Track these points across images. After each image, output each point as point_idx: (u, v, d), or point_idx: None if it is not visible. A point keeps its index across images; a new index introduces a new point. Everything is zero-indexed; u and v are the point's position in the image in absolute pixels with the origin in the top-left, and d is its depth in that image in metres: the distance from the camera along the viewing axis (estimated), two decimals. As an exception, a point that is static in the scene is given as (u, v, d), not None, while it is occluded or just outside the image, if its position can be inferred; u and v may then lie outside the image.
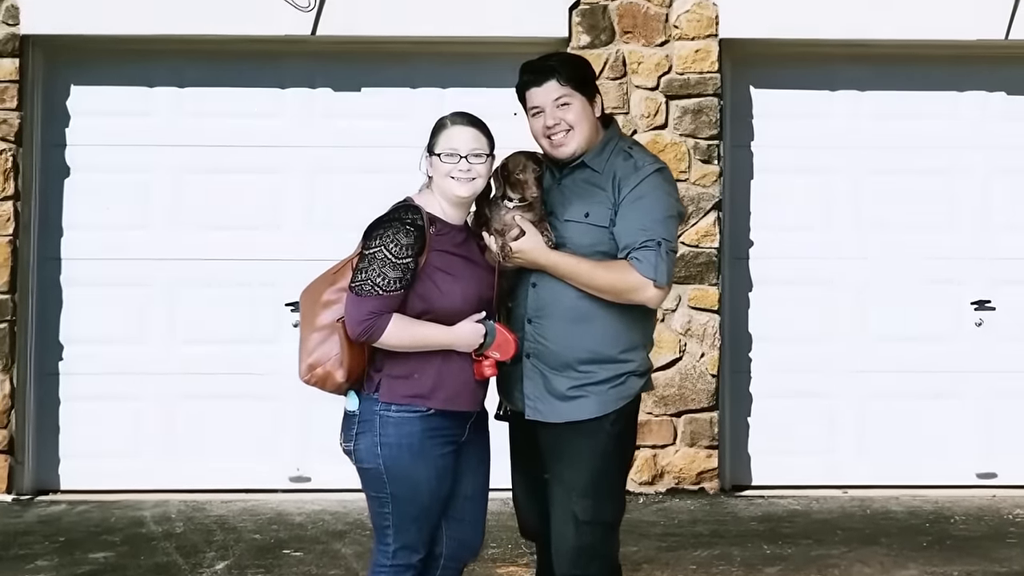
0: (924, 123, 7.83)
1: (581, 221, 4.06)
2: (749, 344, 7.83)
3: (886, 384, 7.80)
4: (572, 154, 4.12)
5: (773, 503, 7.43)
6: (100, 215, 7.66)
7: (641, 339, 4.15)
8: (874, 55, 7.80)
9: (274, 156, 7.72)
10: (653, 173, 4.07)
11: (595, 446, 4.02)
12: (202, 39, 7.59)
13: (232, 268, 7.68)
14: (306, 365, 3.97)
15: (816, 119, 7.83)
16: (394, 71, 7.73)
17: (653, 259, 3.96)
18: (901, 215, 7.81)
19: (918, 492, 7.63)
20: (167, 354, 7.70)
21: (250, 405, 7.65)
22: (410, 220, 3.91)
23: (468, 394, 4.01)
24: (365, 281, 3.87)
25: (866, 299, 7.84)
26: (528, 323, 4.08)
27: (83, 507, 7.32)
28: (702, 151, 7.57)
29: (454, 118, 4.05)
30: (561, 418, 4.05)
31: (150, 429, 7.68)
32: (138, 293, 7.70)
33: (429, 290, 3.93)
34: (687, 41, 7.56)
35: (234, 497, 7.49)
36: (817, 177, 7.83)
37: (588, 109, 4.13)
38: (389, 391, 3.94)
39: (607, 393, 4.04)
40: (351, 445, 4.01)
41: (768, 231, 7.82)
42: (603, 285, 4.00)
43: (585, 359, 4.04)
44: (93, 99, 7.73)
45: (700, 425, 7.57)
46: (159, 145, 7.69)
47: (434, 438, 3.97)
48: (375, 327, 3.86)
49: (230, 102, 7.72)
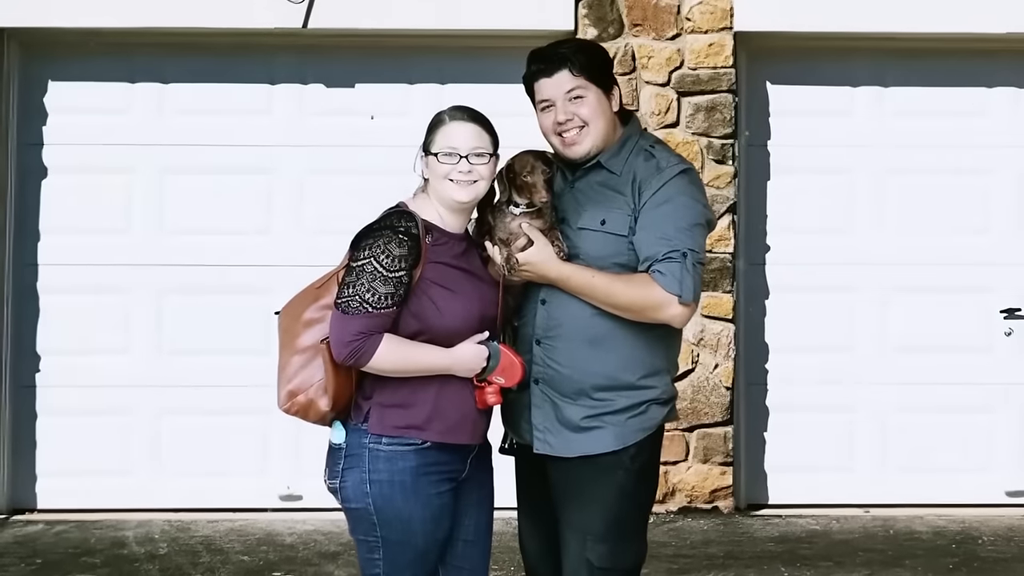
0: (951, 121, 7.75)
1: (597, 229, 3.87)
2: (766, 354, 7.76)
3: (910, 397, 7.73)
4: (586, 153, 3.94)
5: (791, 523, 7.40)
6: (79, 218, 7.62)
7: (664, 363, 3.97)
8: (898, 49, 7.71)
9: (263, 156, 7.66)
10: (678, 175, 3.89)
11: (613, 484, 3.85)
12: (187, 32, 7.53)
13: (219, 275, 7.63)
14: (286, 392, 3.81)
15: (837, 116, 7.75)
16: (390, 66, 7.68)
17: (678, 272, 3.77)
18: (926, 218, 7.74)
19: (944, 511, 7.57)
20: (150, 365, 7.64)
21: (238, 419, 7.59)
22: (403, 228, 3.73)
23: (469, 425, 3.83)
24: (352, 297, 3.68)
25: (889, 307, 7.76)
26: (537, 345, 3.91)
27: (61, 527, 7.27)
28: (716, 151, 7.49)
29: (453, 113, 3.87)
30: (574, 452, 3.87)
31: (132, 445, 7.62)
32: (120, 301, 7.64)
33: (425, 307, 3.74)
34: (700, 34, 7.50)
35: (221, 516, 7.45)
36: (838, 178, 7.76)
37: (604, 102, 3.95)
38: (379, 422, 3.76)
39: (626, 424, 3.86)
40: (336, 482, 3.85)
41: (786, 235, 7.74)
42: (621, 302, 3.81)
43: (601, 385, 3.86)
44: (72, 95, 7.64)
45: (714, 440, 7.50)
46: (141, 144, 7.63)
47: (430, 475, 3.78)
48: (364, 349, 3.68)
49: (216, 99, 7.65)
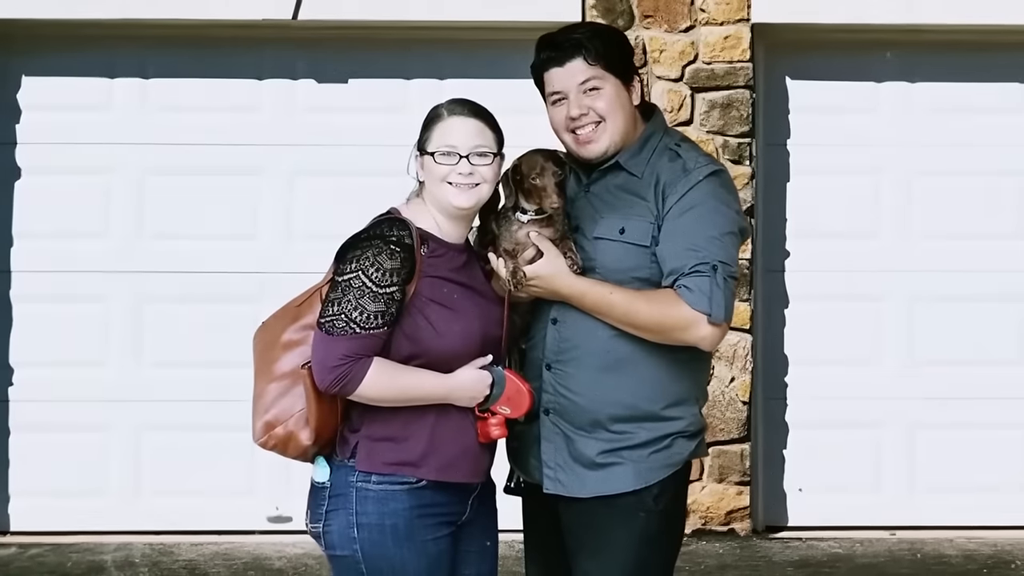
0: (984, 118, 7.51)
1: (615, 239, 3.64)
2: (785, 367, 7.57)
3: (940, 412, 7.51)
4: (603, 153, 3.69)
5: (812, 546, 7.23)
6: (55, 222, 7.46)
7: (692, 390, 3.72)
8: (927, 41, 7.49)
9: (250, 155, 7.48)
10: (708, 177, 3.64)
11: (633, 528, 3.60)
12: (170, 24, 7.33)
13: (203, 282, 7.46)
14: (262, 424, 3.54)
15: (861, 114, 7.53)
16: (386, 60, 7.50)
17: (707, 288, 3.52)
18: (957, 222, 7.51)
19: (975, 534, 7.38)
20: (130, 378, 7.46)
21: (223, 436, 7.35)
22: (395, 238, 3.48)
23: (470, 461, 3.58)
24: (338, 316, 3.44)
25: (918, 317, 7.56)
26: (547, 370, 3.67)
27: (36, 550, 7.11)
28: (732, 150, 7.29)
29: (452, 107, 3.62)
30: (589, 492, 3.62)
31: (111, 463, 7.44)
32: (98, 310, 7.47)
33: (420, 328, 3.50)
34: (715, 26, 7.30)
35: (206, 539, 7.29)
36: (862, 179, 7.55)
37: (624, 95, 3.68)
38: (368, 457, 3.50)
39: (648, 459, 3.61)
40: (320, 526, 3.55)
41: (807, 240, 7.55)
42: (643, 321, 3.56)
43: (620, 416, 3.62)
44: (47, 91, 7.46)
45: (730, 458, 7.32)
46: (121, 143, 7.44)
47: (426, 517, 3.53)
48: (350, 375, 3.43)
49: (201, 95, 7.47)
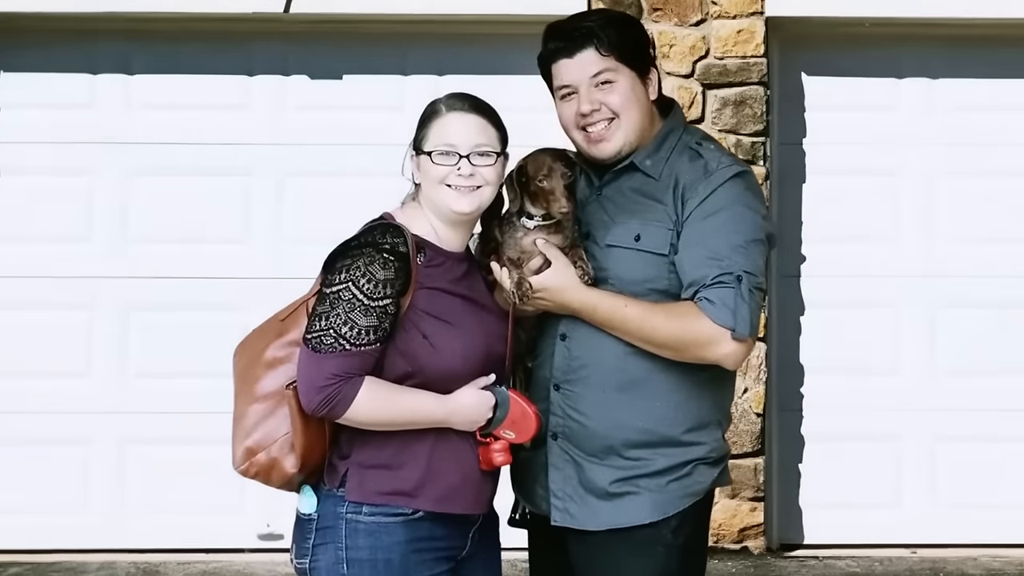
0: (1011, 116, 7.35)
1: (630, 247, 3.46)
2: (800, 377, 7.43)
3: (963, 425, 7.36)
4: (616, 152, 3.51)
5: (829, 565, 7.11)
6: (34, 225, 7.33)
7: (714, 413, 3.53)
8: (950, 36, 7.36)
9: (240, 155, 7.34)
10: (732, 179, 3.49)
11: (651, 564, 3.42)
12: (155, 17, 7.19)
13: (191, 288, 7.33)
14: (243, 449, 3.36)
15: (880, 112, 7.38)
16: (382, 55, 7.38)
17: (731, 300, 3.36)
18: (981, 225, 7.36)
19: (1000, 552, 7.24)
20: (113, 390, 7.31)
21: (211, 449, 6.96)
22: (389, 246, 3.30)
23: (470, 491, 3.40)
24: (326, 331, 3.26)
25: (940, 325, 7.42)
26: (555, 390, 3.49)
27: (15, 570, 6.97)
28: (745, 149, 7.15)
29: (451, 102, 3.45)
30: (602, 524, 3.44)
31: (94, 478, 7.28)
32: (80, 318, 7.31)
33: (416, 344, 3.33)
34: (727, 20, 7.18)
35: (193, 558, 7.16)
36: (882, 180, 7.40)
37: (640, 89, 3.49)
38: (359, 486, 3.32)
39: (667, 489, 3.44)
40: (306, 562, 3.39)
41: (823, 244, 7.40)
42: (660, 337, 3.39)
43: (635, 441, 3.44)
44: (26, 88, 7.30)
45: (743, 473, 7.17)
46: (104, 143, 7.29)
47: (422, 552, 3.34)
48: (340, 396, 3.24)
49: (188, 92, 7.33)
